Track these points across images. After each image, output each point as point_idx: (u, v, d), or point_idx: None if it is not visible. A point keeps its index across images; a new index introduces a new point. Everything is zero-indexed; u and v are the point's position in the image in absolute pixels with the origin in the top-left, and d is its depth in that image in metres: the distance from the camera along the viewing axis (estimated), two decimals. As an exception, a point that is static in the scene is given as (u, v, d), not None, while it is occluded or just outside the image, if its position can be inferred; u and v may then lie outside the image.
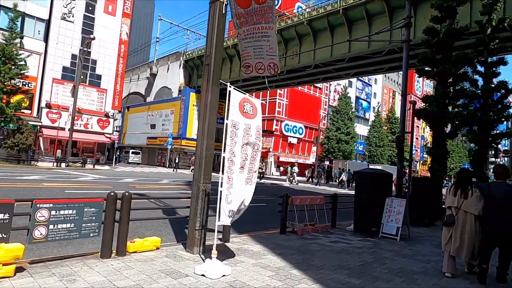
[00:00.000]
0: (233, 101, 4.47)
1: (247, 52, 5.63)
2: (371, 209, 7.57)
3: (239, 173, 4.51)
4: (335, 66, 28.05)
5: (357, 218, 7.83)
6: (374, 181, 7.57)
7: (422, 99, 12.24)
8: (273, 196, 15.76)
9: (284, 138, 51.83)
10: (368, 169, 7.75)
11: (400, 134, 9.41)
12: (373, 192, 7.58)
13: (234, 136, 4.43)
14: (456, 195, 4.86)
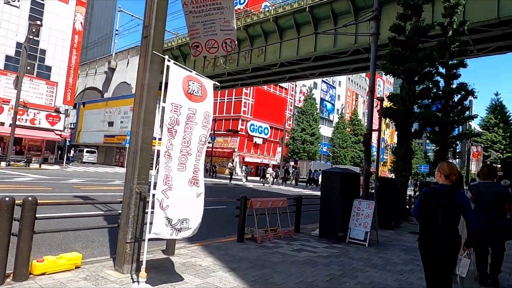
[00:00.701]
0: (174, 78, 3.50)
1: (195, 29, 4.67)
2: (338, 212, 6.90)
3: (179, 172, 3.55)
4: (301, 65, 27.72)
5: (322, 222, 7.12)
6: (341, 182, 6.90)
7: (388, 97, 11.93)
8: (236, 197, 14.83)
9: (249, 138, 51.12)
10: (335, 168, 7.08)
11: (367, 132, 8.87)
12: (340, 193, 6.90)
13: (174, 123, 3.47)
14: None
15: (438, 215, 3.06)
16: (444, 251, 3.02)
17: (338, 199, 6.88)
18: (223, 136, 50.43)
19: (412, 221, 11.43)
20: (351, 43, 22.38)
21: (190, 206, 3.62)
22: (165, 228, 3.39)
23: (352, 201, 7.19)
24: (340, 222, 6.94)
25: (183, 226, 3.56)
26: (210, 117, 3.87)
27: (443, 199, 3.09)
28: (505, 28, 18.11)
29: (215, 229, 7.83)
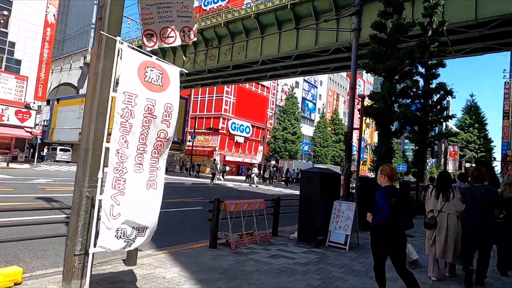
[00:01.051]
0: (128, 64, 2.99)
1: (148, 14, 4.13)
2: (318, 214, 6.53)
3: (136, 173, 3.05)
4: (283, 63, 27.43)
5: (301, 225, 6.74)
6: (321, 182, 6.54)
7: (369, 96, 11.73)
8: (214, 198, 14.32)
9: (230, 137, 50.54)
10: (314, 168, 6.73)
11: (348, 131, 8.58)
12: (320, 194, 6.54)
13: (129, 116, 2.97)
14: (438, 198, 4.84)
15: (404, 214, 3.57)
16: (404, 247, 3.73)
17: (318, 200, 6.52)
18: (204, 134, 49.66)
19: (392, 221, 11.28)
20: (332, 41, 22.24)
21: (147, 212, 3.12)
22: (116, 241, 2.89)
23: (332, 202, 6.86)
24: (319, 225, 6.59)
25: (139, 235, 3.06)
26: (173, 110, 3.38)
27: (403, 198, 3.61)
28: (481, 30, 18.35)
29: (189, 233, 7.34)
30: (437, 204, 4.82)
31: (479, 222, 4.59)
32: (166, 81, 3.28)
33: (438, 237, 4.78)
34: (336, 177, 7.22)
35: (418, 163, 16.14)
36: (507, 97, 59.84)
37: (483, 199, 4.65)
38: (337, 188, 7.25)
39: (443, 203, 4.75)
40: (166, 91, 3.23)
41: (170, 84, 3.29)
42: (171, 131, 3.29)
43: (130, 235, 2.98)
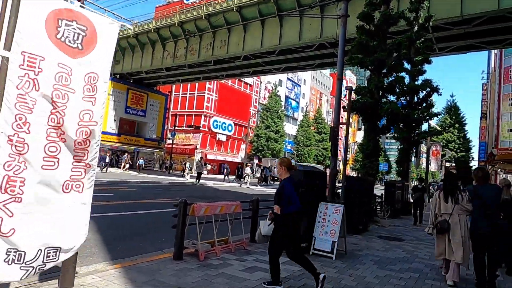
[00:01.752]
0: (31, 10, 2.07)
1: None
2: (300, 218, 5.72)
3: (46, 170, 2.15)
4: (265, 59, 26.65)
5: (283, 230, 5.92)
6: (305, 181, 5.75)
7: (355, 90, 11.06)
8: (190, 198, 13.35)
9: (212, 135, 49.44)
10: (298, 166, 5.92)
11: (334, 126, 7.84)
12: (303, 196, 5.74)
13: (30, 87, 2.06)
14: (447, 201, 4.85)
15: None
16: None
17: (301, 203, 5.72)
18: (185, 132, 48.35)
19: (378, 222, 10.67)
20: (316, 36, 21.62)
21: (64, 226, 2.22)
22: (6, 268, 1.98)
23: (317, 205, 6.09)
24: (302, 231, 5.79)
25: (49, 260, 2.16)
26: (98, 81, 2.45)
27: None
28: (466, 27, 18.12)
29: (156, 240, 6.40)
30: (448, 208, 4.83)
31: (492, 222, 4.49)
32: (91, 40, 2.37)
33: (454, 238, 4.76)
34: (322, 176, 6.46)
35: (403, 161, 15.70)
36: (485, 98, 61.29)
37: (496, 199, 4.58)
38: (323, 188, 6.49)
39: (453, 206, 4.79)
40: (90, 55, 2.33)
41: (97, 45, 2.39)
42: (99, 111, 2.39)
43: (32, 260, 2.08)
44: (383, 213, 12.79)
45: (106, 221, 7.43)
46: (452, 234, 4.76)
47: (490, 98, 56.35)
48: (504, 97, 43.51)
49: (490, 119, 55.42)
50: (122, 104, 35.65)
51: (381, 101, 10.79)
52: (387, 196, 13.08)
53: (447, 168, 36.07)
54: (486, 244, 4.55)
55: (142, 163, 31.75)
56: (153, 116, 39.37)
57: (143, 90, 37.70)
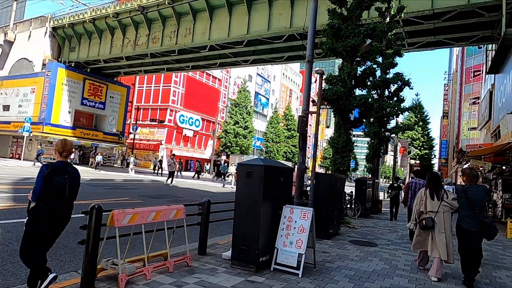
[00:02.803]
0: None
1: None
2: (260, 224, 4.56)
3: None
4: (233, 50, 25.32)
5: (237, 240, 4.73)
6: (266, 179, 4.58)
7: (326, 79, 10.07)
8: (141, 198, 11.85)
9: (178, 130, 47.44)
10: (256, 159, 4.73)
11: (303, 115, 6.75)
12: (264, 197, 4.58)
13: None
14: (433, 198, 4.96)
15: (65, 192, 3.26)
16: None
17: (260, 204, 4.54)
18: (149, 127, 46.00)
19: (350, 224, 9.77)
20: (286, 27, 20.60)
21: None
22: None
23: (281, 208, 4.94)
24: (262, 240, 4.63)
25: None
26: None
27: (68, 176, 3.31)
28: (436, 22, 17.83)
29: (67, 256, 4.95)
30: (434, 206, 4.94)
31: (479, 219, 4.65)
32: None
33: (439, 236, 4.86)
34: (287, 172, 5.31)
35: (373, 158, 15.05)
36: (446, 98, 63.56)
37: (482, 198, 4.75)
38: (288, 187, 5.35)
39: (439, 203, 4.91)
40: None
41: None
42: None
43: None
44: (353, 213, 11.98)
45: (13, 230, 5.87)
46: (437, 231, 4.87)
47: (451, 98, 58.51)
48: (465, 97, 45.02)
49: (452, 118, 57.58)
50: (78, 95, 32.90)
51: (353, 91, 9.88)
52: (357, 194, 12.30)
53: (412, 166, 36.63)
54: (472, 241, 4.68)
55: (100, 160, 29.52)
56: (113, 109, 36.81)
57: (102, 80, 35.06)
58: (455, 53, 59.76)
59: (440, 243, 4.81)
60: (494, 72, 20.05)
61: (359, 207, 11.87)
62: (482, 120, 24.50)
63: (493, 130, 18.57)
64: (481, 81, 39.78)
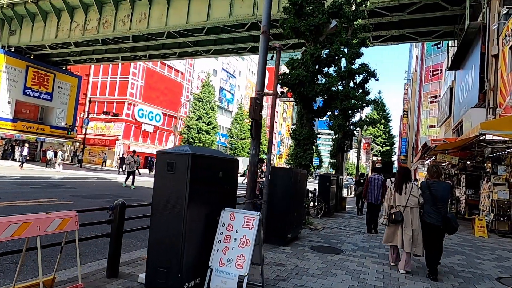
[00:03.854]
0: None
1: None
2: (185, 236, 3.25)
3: None
4: (193, 38, 23.68)
5: (152, 259, 3.38)
6: (194, 173, 3.28)
7: (287, 62, 8.93)
8: (72, 198, 10.07)
9: (137, 125, 44.81)
10: (183, 147, 3.41)
11: (256, 97, 5.52)
12: (192, 198, 3.27)
13: None
14: (401, 193, 5.07)
15: None
16: None
17: (186, 208, 3.24)
18: (105, 121, 42.95)
19: (312, 225, 8.73)
20: (248, 14, 19.34)
21: None
22: None
23: (219, 212, 3.67)
24: (189, 257, 3.34)
25: None
26: None
27: None
28: (401, 14, 17.44)
29: None
30: (402, 200, 5.04)
31: (442, 215, 4.77)
32: None
33: (406, 230, 4.96)
34: (230, 165, 4.04)
35: (337, 153, 14.24)
36: (406, 97, 65.59)
37: (445, 194, 4.88)
38: (231, 185, 4.07)
39: (407, 198, 5.00)
40: None
41: None
42: None
43: None
44: (316, 212, 11.01)
45: None
46: (405, 225, 4.97)
47: (411, 96, 60.39)
48: (424, 96, 46.36)
49: (411, 117, 59.44)
50: (19, 84, 29.58)
51: (317, 77, 8.82)
52: (321, 192, 11.34)
53: (374, 163, 36.93)
54: (436, 235, 4.86)
55: (52, 156, 26.47)
56: (62, 100, 33.66)
57: (49, 69, 31.84)
58: (414, 53, 61.75)
59: (406, 236, 4.93)
60: (455, 68, 20.11)
61: (323, 206, 10.92)
62: (442, 117, 24.81)
63: (454, 126, 18.54)
64: (440, 79, 41.05)
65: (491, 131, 8.65)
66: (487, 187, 10.89)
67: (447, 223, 4.72)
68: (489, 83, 13.38)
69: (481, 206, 11.34)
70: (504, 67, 12.30)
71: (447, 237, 8.33)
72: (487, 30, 13.81)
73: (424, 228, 4.90)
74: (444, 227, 4.77)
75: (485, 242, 8.36)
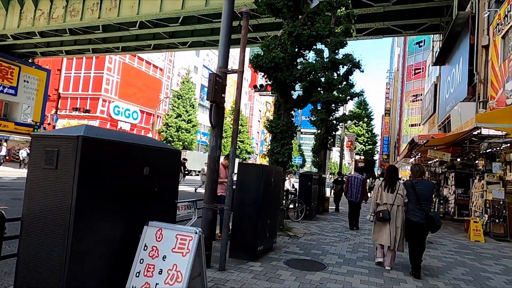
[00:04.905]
0: None
1: None
2: (71, 272, 1.99)
3: None
4: (167, 29, 22.22)
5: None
6: (92, 169, 2.04)
7: (262, 45, 7.76)
8: (8, 202, 8.54)
9: (113, 123, 42.75)
10: (75, 128, 2.17)
11: (217, 73, 4.33)
12: (85, 208, 2.02)
13: None
14: (388, 191, 5.14)
15: None
16: None
17: (71, 224, 1.99)
18: (78, 118, 40.73)
19: (290, 231, 7.59)
20: (226, 2, 18.02)
21: None
22: None
23: (140, 227, 2.43)
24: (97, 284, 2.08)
25: None
26: None
27: None
28: (386, 5, 16.57)
29: None
30: (389, 198, 5.11)
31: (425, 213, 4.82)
32: None
33: (391, 227, 5.06)
34: (162, 156, 2.81)
35: (320, 150, 13.18)
36: (388, 96, 65.78)
37: (428, 193, 4.99)
38: (165, 186, 2.84)
39: (395, 196, 5.08)
40: None
41: None
42: None
43: None
44: (296, 214, 9.89)
45: None
46: (391, 223, 5.05)
47: (393, 95, 60.50)
48: (406, 94, 46.25)
49: (393, 116, 59.54)
50: (-21, 77, 27.31)
51: (296, 61, 7.67)
52: (302, 192, 10.23)
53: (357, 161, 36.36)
54: (419, 233, 4.91)
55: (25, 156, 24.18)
56: (28, 95, 31.40)
57: (13, 61, 29.58)
58: (396, 52, 61.94)
59: (393, 234, 5.03)
60: (440, 64, 19.48)
61: (303, 208, 9.81)
62: (426, 114, 24.27)
63: (441, 122, 17.86)
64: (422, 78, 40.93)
65: (487, 124, 7.72)
66: (480, 186, 10.06)
67: (430, 221, 4.78)
68: (479, 76, 12.63)
69: (473, 206, 10.50)
70: (496, 58, 11.55)
71: (443, 243, 7.37)
72: (476, 20, 13.07)
73: (409, 226, 4.98)
74: (427, 225, 4.82)
75: (484, 248, 7.43)
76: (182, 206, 5.32)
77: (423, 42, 43.16)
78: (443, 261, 5.85)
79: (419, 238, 4.88)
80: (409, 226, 4.94)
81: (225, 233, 4.43)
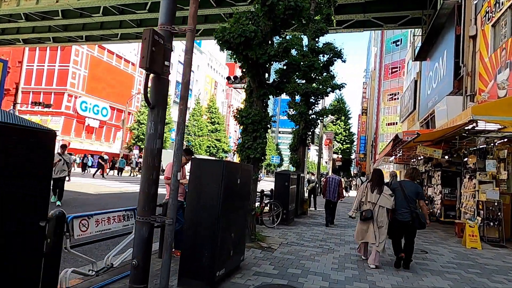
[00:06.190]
0: None
1: None
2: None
3: None
4: (135, 16, 20.49)
5: None
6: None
7: (232, 18, 6.45)
8: None
9: (80, 120, 40.24)
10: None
11: (156, 31, 3.00)
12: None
13: None
14: (373, 191, 5.29)
15: None
16: None
17: None
18: (41, 114, 37.94)
19: (263, 241, 6.36)
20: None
21: None
22: None
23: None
24: None
25: None
26: None
27: None
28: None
29: None
30: (374, 198, 5.27)
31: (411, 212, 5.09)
32: None
33: (373, 227, 5.21)
34: (18, 137, 1.47)
35: (298, 146, 12.05)
36: (365, 96, 66.04)
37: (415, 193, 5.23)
38: (24, 193, 1.52)
39: (379, 196, 5.24)
40: None
41: None
42: None
43: None
44: (271, 219, 8.68)
45: None
46: (374, 221, 5.20)
47: (370, 95, 60.74)
48: (383, 93, 46.29)
49: (370, 115, 59.76)
50: None
51: (271, 38, 6.44)
52: (278, 194, 9.04)
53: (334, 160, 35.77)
54: (405, 230, 5.20)
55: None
56: (-19, 88, 28.58)
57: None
58: (373, 52, 62.24)
59: (377, 233, 5.16)
60: (421, 59, 18.88)
61: (279, 211, 8.62)
62: (405, 112, 23.75)
63: (423, 119, 17.20)
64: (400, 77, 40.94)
65: (484, 116, 6.78)
66: (471, 186, 9.22)
67: (416, 219, 5.06)
68: (466, 68, 11.88)
69: (463, 208, 9.66)
70: (485, 48, 10.79)
71: (439, 253, 6.38)
72: (462, 10, 12.34)
73: (396, 225, 5.22)
74: (413, 223, 5.08)
75: (484, 257, 6.48)
76: (116, 216, 3.97)
77: (400, 41, 43.24)
78: (448, 279, 4.79)
79: (407, 238, 5.19)
80: (396, 225, 5.21)
81: (167, 256, 3.12)
